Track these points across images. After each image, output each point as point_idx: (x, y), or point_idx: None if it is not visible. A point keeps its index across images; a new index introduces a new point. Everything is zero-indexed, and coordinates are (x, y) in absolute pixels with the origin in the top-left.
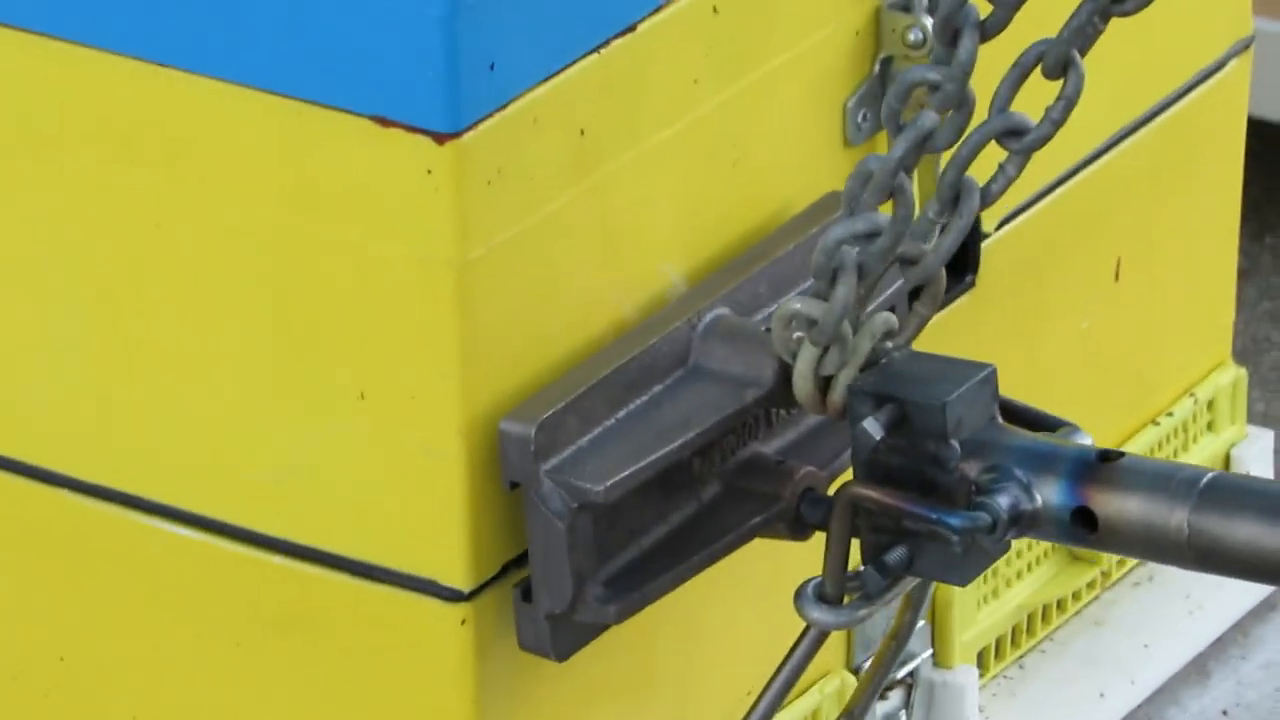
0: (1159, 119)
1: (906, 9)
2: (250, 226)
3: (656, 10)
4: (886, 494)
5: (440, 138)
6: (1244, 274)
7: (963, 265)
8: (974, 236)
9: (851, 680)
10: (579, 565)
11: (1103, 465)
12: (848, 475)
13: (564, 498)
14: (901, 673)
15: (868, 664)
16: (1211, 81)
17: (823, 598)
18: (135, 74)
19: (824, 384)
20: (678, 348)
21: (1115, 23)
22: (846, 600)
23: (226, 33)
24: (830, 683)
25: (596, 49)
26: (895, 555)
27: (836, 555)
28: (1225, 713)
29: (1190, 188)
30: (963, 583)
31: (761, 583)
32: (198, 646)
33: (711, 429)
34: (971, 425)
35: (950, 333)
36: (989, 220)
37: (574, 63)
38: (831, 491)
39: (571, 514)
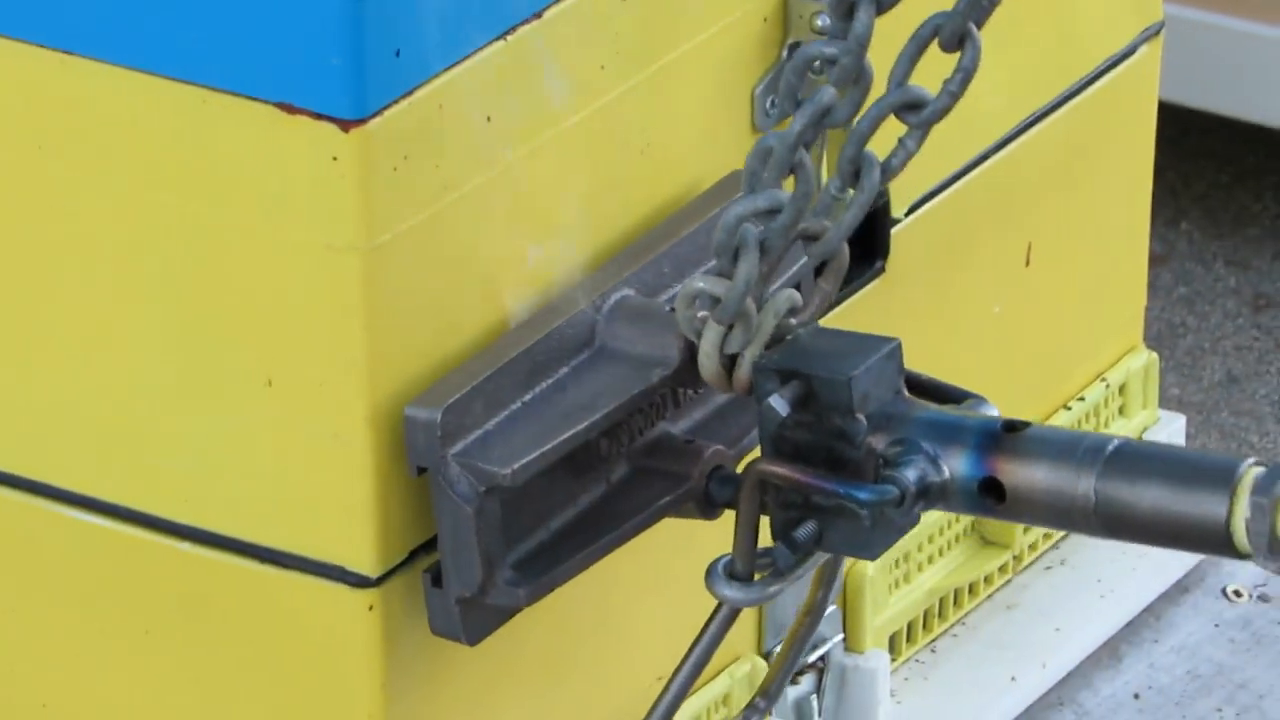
0: (1069, 104)
1: None
2: (156, 214)
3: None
4: (794, 470)
5: (345, 124)
6: (1160, 260)
7: (872, 251)
8: (884, 222)
9: (763, 665)
10: (488, 549)
11: (1008, 435)
12: (756, 453)
13: (471, 482)
14: (813, 657)
15: (779, 647)
16: (1122, 67)
17: (733, 575)
18: (38, 61)
19: (730, 362)
20: (583, 330)
21: (1026, 8)
22: (757, 578)
23: (130, 20)
24: (741, 667)
25: (503, 35)
26: (804, 531)
27: (745, 532)
28: (1137, 696)
29: (1101, 173)
30: (872, 556)
31: (672, 564)
32: (106, 634)
33: (618, 409)
34: (878, 399)
35: (861, 318)
36: (899, 206)
37: (480, 49)
38: (740, 470)
39: (479, 498)
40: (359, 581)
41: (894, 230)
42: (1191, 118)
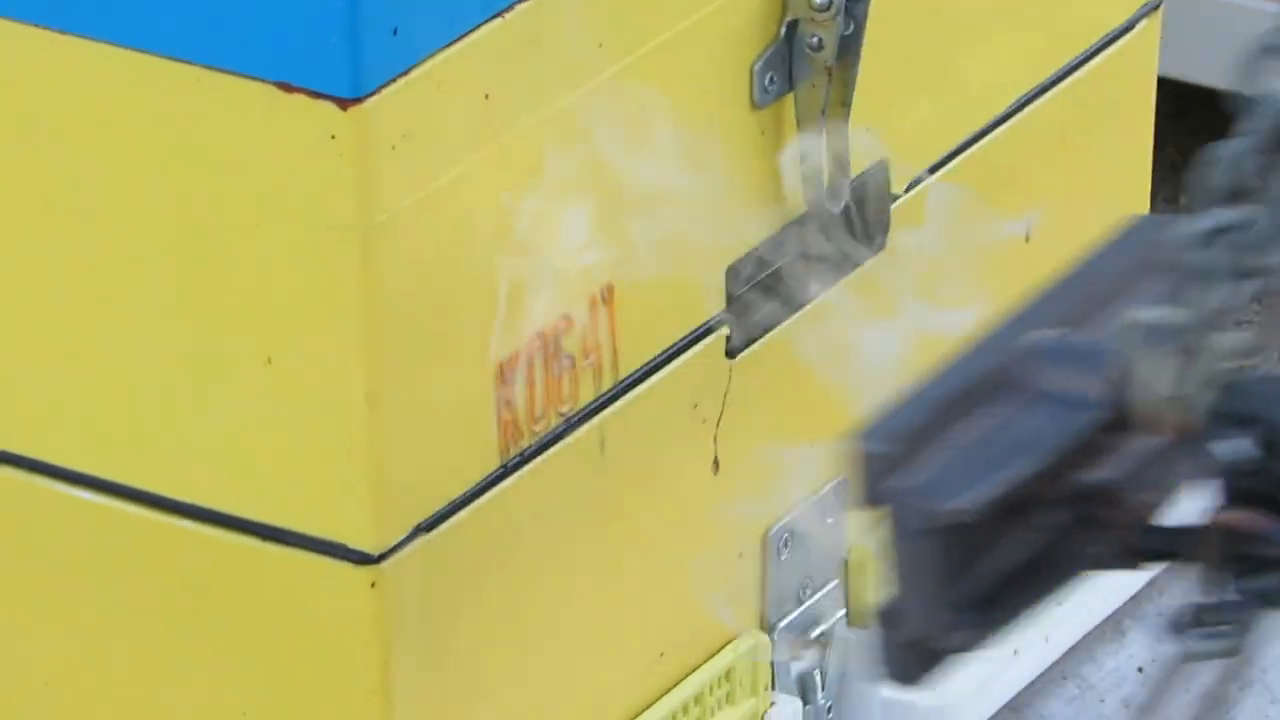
0: (1068, 80)
1: None
2: (152, 193)
3: None
4: (1258, 519)
5: (343, 103)
6: None
7: (870, 228)
8: (883, 198)
9: (766, 641)
10: (939, 589)
11: None
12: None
13: (925, 518)
14: (815, 633)
15: (783, 623)
16: (1121, 42)
17: (1185, 627)
18: (29, 39)
19: (1177, 403)
20: (1018, 366)
21: None
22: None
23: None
24: (744, 642)
25: (500, 13)
26: (1261, 583)
27: (1203, 585)
28: (1141, 669)
29: (1101, 149)
30: None
31: (675, 536)
32: (105, 611)
33: (1062, 447)
34: None
35: (858, 294)
36: (898, 183)
37: (478, 27)
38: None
39: (931, 535)
40: (360, 559)
41: (894, 206)
42: (1191, 93)
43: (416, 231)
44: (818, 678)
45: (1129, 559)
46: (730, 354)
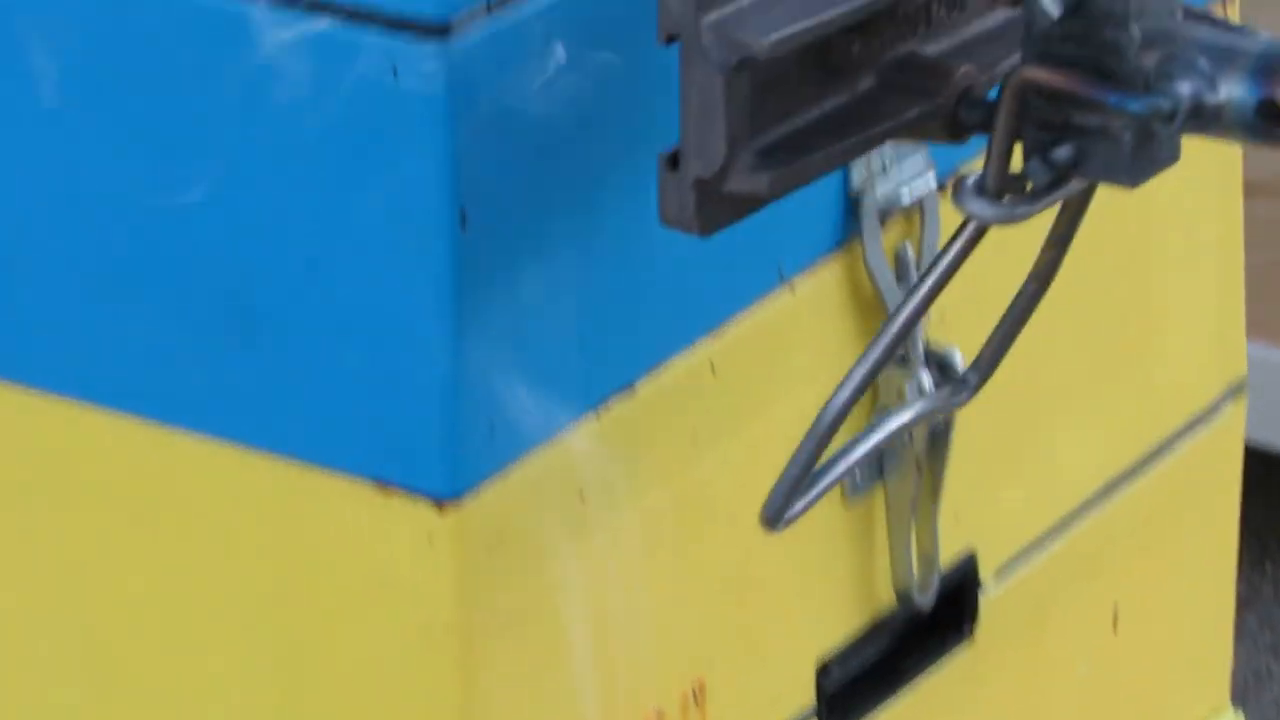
0: (1152, 465)
1: (902, 362)
2: (247, 589)
3: (654, 370)
4: (1062, 76)
5: (441, 504)
6: (1245, 603)
7: (959, 618)
8: (971, 588)
9: None
10: (734, 127)
11: None
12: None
13: (724, 52)
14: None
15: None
16: (1205, 426)
17: (984, 191)
18: (133, 431)
19: None
20: None
21: (1108, 368)
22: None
23: (224, 393)
24: None
25: (595, 410)
26: (1063, 150)
27: (1001, 145)
28: None
29: (1185, 532)
30: (1131, 184)
31: None
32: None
33: (876, 2)
34: (1154, 14)
35: (948, 685)
36: (986, 569)
37: (572, 424)
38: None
39: (732, 69)
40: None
41: (982, 597)
42: (1275, 459)
43: (514, 632)
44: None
45: (949, 129)
46: None
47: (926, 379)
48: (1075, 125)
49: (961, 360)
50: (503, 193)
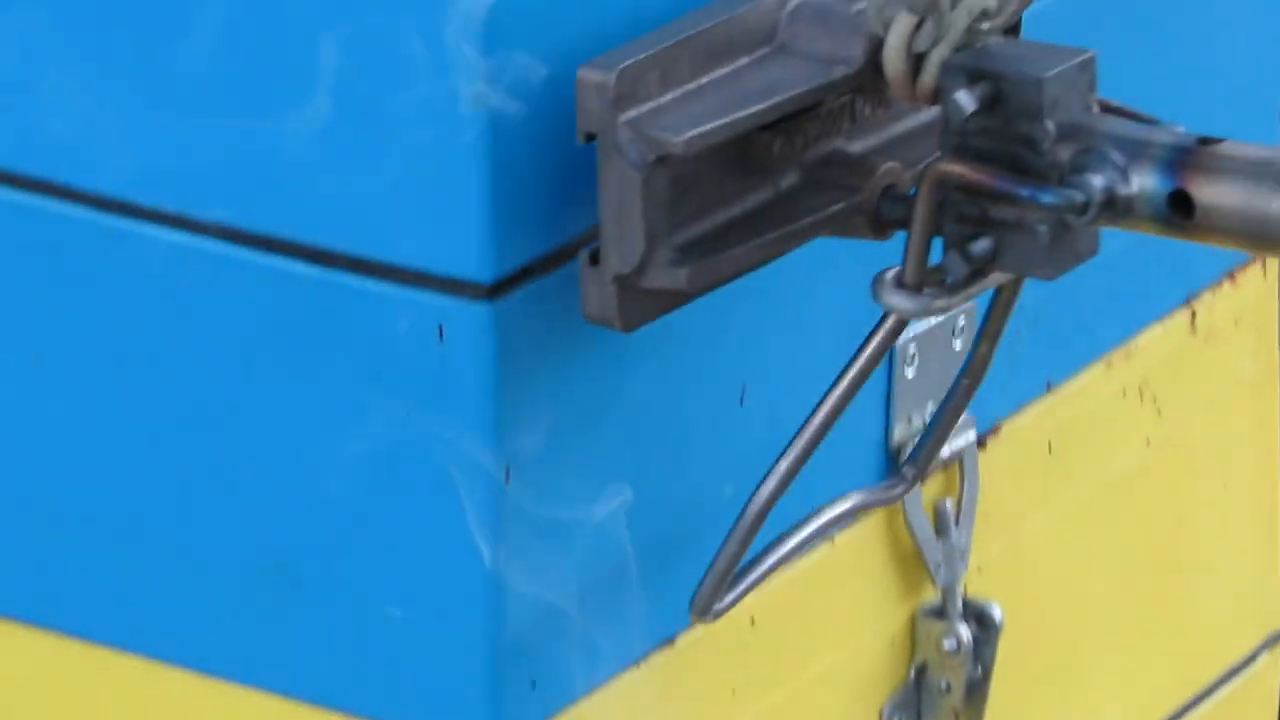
0: (1187, 716)
1: (940, 615)
2: None
3: (693, 627)
4: (977, 169)
5: None
6: None
7: None
8: None
9: None
10: (652, 223)
11: (1201, 149)
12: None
13: (641, 149)
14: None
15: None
16: (1242, 676)
17: (902, 285)
18: (172, 681)
19: (915, 64)
20: (764, 24)
21: (1144, 618)
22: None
23: (268, 647)
24: None
25: (636, 663)
26: (980, 244)
27: (919, 238)
28: None
29: None
30: (1048, 277)
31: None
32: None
33: (797, 99)
34: (1067, 108)
35: None
36: None
37: (613, 678)
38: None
39: (649, 166)
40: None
41: None
42: None
43: None
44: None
45: (872, 225)
46: None
47: (965, 632)
48: (993, 218)
49: (1000, 614)
50: (545, 448)
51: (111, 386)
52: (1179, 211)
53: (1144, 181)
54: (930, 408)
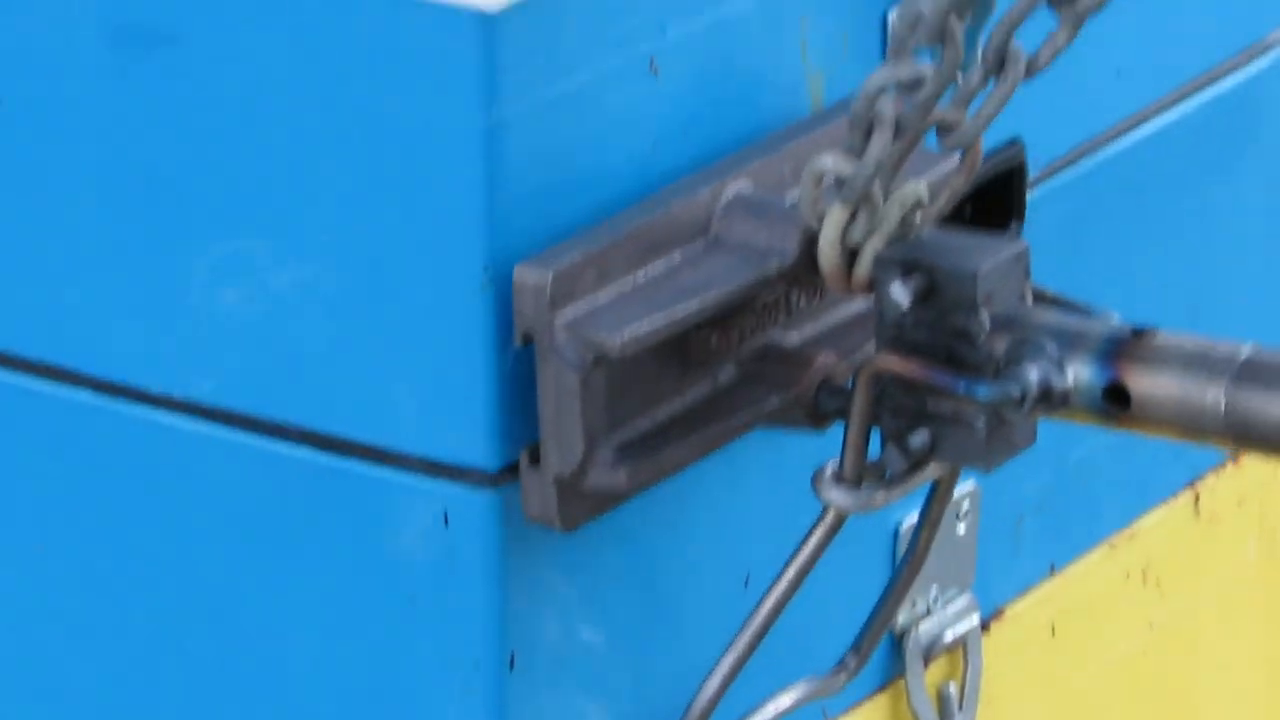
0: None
1: None
2: None
3: None
4: (912, 363)
5: None
6: None
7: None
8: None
9: None
10: (591, 424)
11: (1137, 340)
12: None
13: (579, 350)
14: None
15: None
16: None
17: (841, 480)
18: None
19: (850, 256)
20: (699, 218)
21: None
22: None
23: None
24: None
25: None
26: (918, 438)
27: (856, 433)
28: None
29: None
30: (987, 469)
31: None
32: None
33: (733, 294)
34: (1002, 300)
35: None
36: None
37: None
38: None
39: (586, 368)
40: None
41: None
42: None
43: None
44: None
45: (811, 418)
46: None
47: None
48: (930, 411)
49: None
50: (551, 634)
51: (116, 572)
52: (1115, 403)
53: (1080, 373)
54: (934, 591)
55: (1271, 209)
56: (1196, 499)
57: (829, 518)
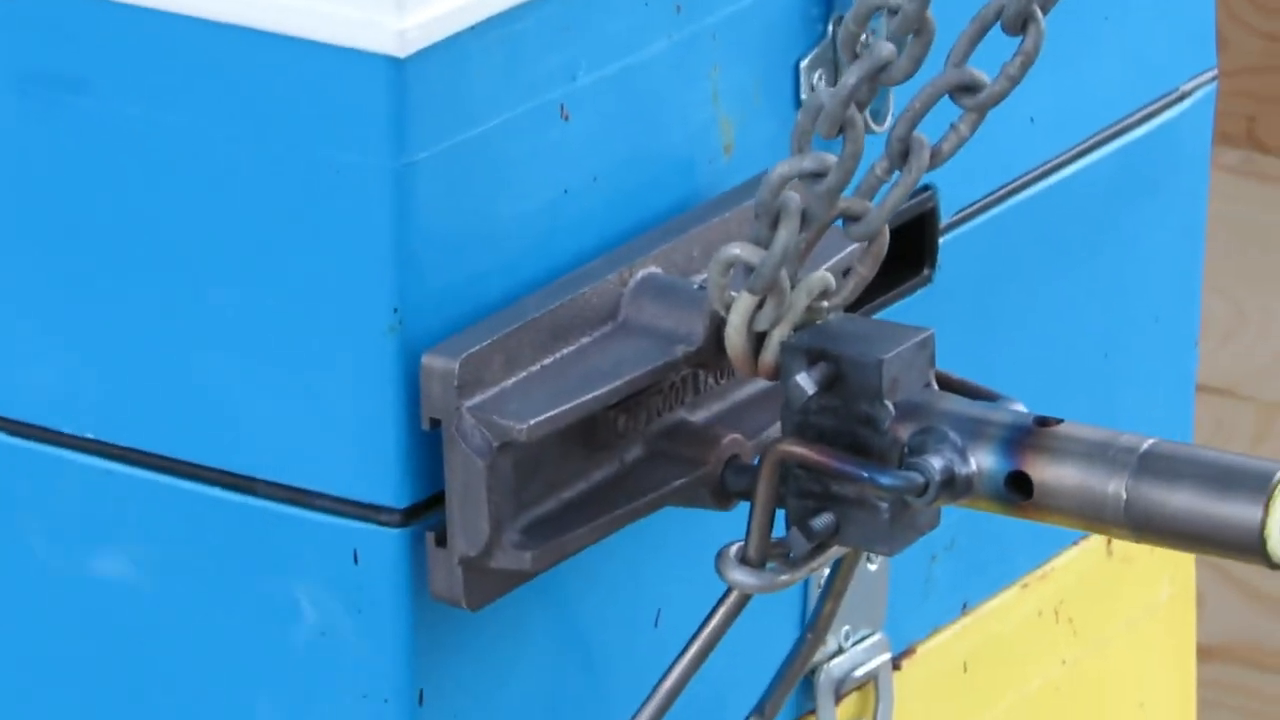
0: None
1: None
2: None
3: None
4: (816, 450)
5: None
6: None
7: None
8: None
9: None
10: (497, 508)
11: (1039, 430)
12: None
13: (485, 436)
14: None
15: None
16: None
17: (745, 560)
18: None
19: (757, 342)
20: (607, 302)
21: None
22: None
23: None
24: None
25: None
26: (822, 520)
27: (761, 515)
28: None
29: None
30: (890, 552)
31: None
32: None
33: (639, 380)
34: (907, 387)
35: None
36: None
37: None
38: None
39: (493, 453)
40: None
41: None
42: None
43: None
44: None
45: (717, 497)
46: None
47: None
48: (835, 494)
49: None
50: (460, 670)
51: (20, 609)
52: (1018, 491)
53: (983, 461)
54: (845, 630)
55: (1182, 255)
56: (1109, 539)
57: (733, 596)
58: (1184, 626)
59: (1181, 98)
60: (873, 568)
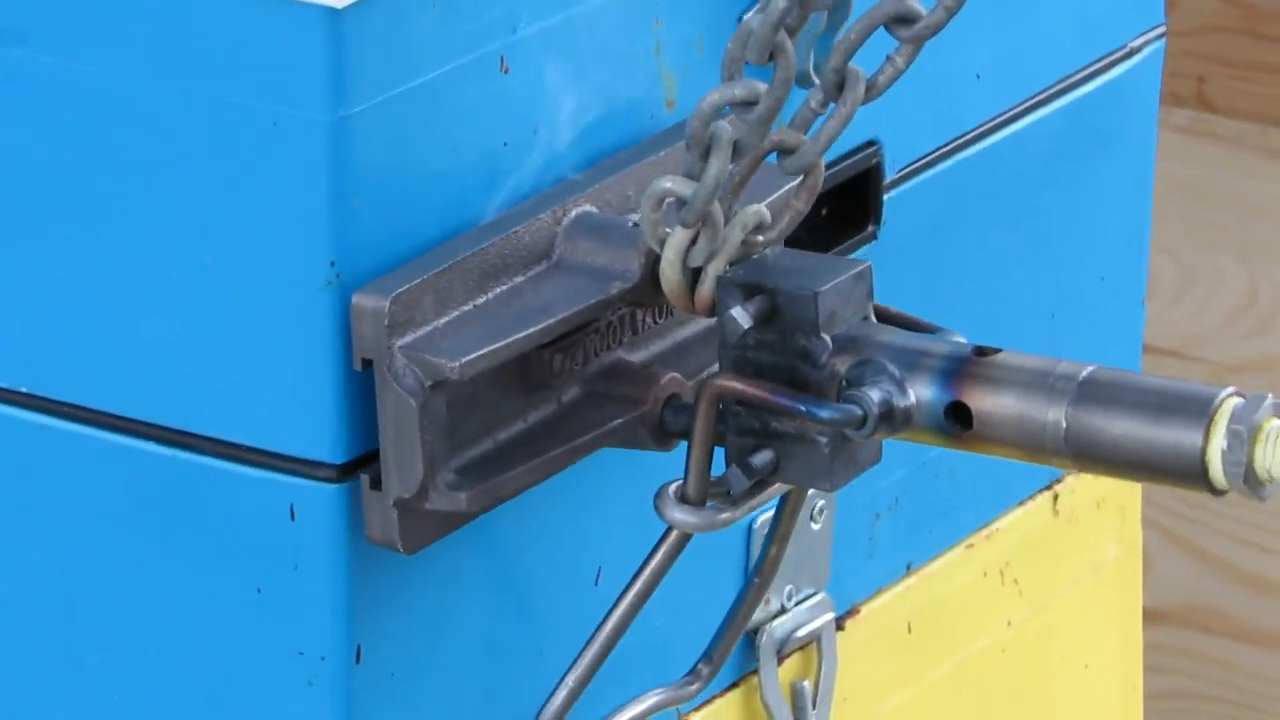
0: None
1: None
2: None
3: None
4: (753, 385)
5: None
6: None
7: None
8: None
9: None
10: (431, 448)
11: (978, 360)
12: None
13: (417, 375)
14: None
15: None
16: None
17: (684, 499)
18: None
19: (692, 278)
20: (541, 241)
21: None
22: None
23: None
24: None
25: None
26: (761, 457)
27: (699, 452)
28: None
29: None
30: (831, 488)
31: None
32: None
33: (574, 317)
34: (844, 320)
35: None
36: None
37: None
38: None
39: (425, 392)
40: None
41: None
42: None
43: None
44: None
45: (655, 436)
46: None
47: None
48: (774, 430)
49: None
50: (397, 627)
51: None
52: (957, 422)
53: (921, 393)
54: (788, 589)
55: (1129, 213)
56: (1055, 499)
57: (673, 537)
58: (1130, 587)
59: (1130, 54)
60: (816, 526)
